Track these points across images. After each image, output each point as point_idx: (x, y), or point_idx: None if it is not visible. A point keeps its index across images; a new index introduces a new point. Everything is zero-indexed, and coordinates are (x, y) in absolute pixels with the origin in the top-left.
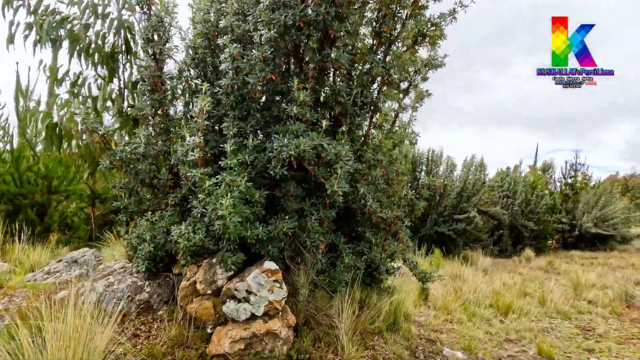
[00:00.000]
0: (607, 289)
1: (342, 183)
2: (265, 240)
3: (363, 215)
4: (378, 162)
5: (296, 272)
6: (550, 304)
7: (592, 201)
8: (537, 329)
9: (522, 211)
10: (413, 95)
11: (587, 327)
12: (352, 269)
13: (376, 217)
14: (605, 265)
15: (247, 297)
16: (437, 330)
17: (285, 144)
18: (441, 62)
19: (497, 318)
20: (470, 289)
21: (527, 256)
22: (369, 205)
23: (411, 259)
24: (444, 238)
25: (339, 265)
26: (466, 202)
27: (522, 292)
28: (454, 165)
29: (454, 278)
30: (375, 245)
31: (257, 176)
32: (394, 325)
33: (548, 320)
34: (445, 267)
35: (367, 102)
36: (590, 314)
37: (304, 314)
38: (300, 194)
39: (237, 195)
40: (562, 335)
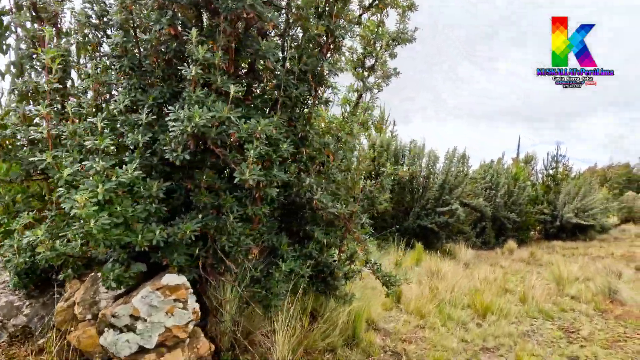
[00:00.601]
0: (590, 281)
1: (256, 170)
2: (167, 247)
3: (313, 212)
4: (324, 145)
5: (220, 285)
6: (532, 302)
7: (573, 192)
8: (517, 334)
9: (505, 203)
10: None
11: (570, 328)
12: (295, 277)
13: (326, 213)
14: (586, 255)
15: (132, 325)
16: (406, 340)
17: (180, 118)
18: (411, 37)
19: (475, 321)
20: (448, 286)
21: (509, 248)
22: (316, 198)
23: (374, 260)
24: (426, 231)
25: (275, 274)
26: (448, 195)
27: (502, 289)
28: (436, 158)
29: (432, 275)
30: (328, 246)
31: (159, 163)
32: (353, 339)
33: (529, 322)
34: (425, 262)
35: (308, 71)
36: (574, 311)
37: (229, 337)
38: (221, 186)
39: (112, 188)
40: (544, 339)
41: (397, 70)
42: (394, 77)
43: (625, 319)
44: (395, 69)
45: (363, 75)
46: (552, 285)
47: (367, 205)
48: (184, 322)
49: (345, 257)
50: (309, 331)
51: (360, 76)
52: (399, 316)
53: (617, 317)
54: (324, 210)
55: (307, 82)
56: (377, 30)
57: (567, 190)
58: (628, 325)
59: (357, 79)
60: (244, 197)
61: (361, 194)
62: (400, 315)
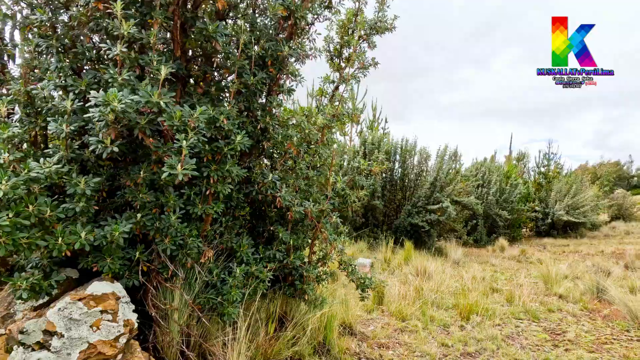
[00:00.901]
0: (579, 279)
1: (189, 164)
2: (97, 251)
3: (279, 210)
4: (286, 138)
5: (168, 292)
6: (519, 302)
7: (564, 190)
8: (501, 337)
9: (497, 200)
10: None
11: (556, 330)
12: (255, 282)
13: (292, 211)
14: (576, 253)
15: (46, 342)
16: (383, 346)
17: (98, 103)
18: (391, 25)
19: (458, 323)
20: (434, 286)
21: (500, 245)
22: (279, 196)
23: (349, 261)
24: (418, 229)
25: (228, 280)
26: (439, 192)
27: (490, 288)
28: (428, 155)
29: (419, 274)
30: (296, 247)
31: (93, 157)
32: (324, 346)
33: (515, 323)
34: (415, 261)
35: (267, 56)
36: (561, 311)
37: (176, 349)
38: (168, 182)
39: (19, 184)
40: (529, 342)
41: (375, 60)
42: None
43: (612, 319)
44: (374, 59)
45: (339, 65)
46: (541, 284)
47: (340, 204)
48: (113, 336)
49: (318, 258)
50: (275, 339)
51: (337, 67)
52: (380, 318)
53: (605, 317)
54: (290, 208)
55: (267, 69)
56: (354, 19)
57: (558, 188)
58: (615, 326)
59: (334, 70)
60: (194, 194)
61: (331, 192)
62: (381, 318)
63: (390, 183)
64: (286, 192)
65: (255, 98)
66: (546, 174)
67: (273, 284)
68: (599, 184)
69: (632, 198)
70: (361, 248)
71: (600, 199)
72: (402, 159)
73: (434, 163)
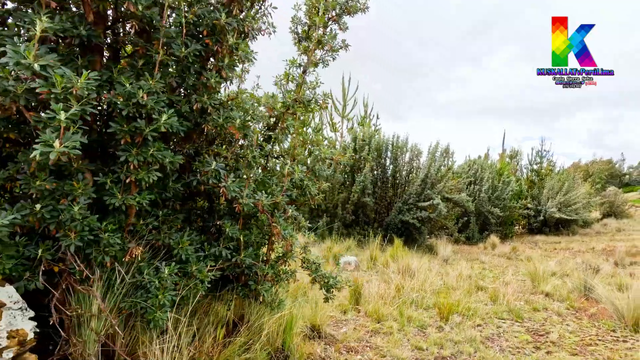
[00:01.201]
0: (567, 277)
1: (70, 138)
2: None
3: (230, 203)
4: (227, 120)
5: (85, 297)
6: (503, 301)
7: (557, 187)
8: (480, 338)
9: (489, 197)
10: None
11: (539, 331)
12: (193, 283)
13: (240, 204)
14: (567, 250)
15: None
16: (352, 350)
17: None
18: (363, 6)
19: (437, 324)
20: (417, 285)
21: (492, 243)
22: (223, 186)
23: (313, 259)
24: (408, 226)
25: (154, 282)
26: (430, 189)
27: (475, 286)
28: (419, 152)
29: (403, 272)
30: (248, 244)
31: None
32: (282, 351)
33: (496, 324)
34: (402, 259)
35: (201, 25)
36: (547, 310)
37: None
38: (81, 168)
39: None
40: (509, 344)
41: (345, 42)
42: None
43: (599, 318)
44: (344, 41)
45: (307, 48)
46: (528, 281)
47: (298, 196)
48: None
49: (277, 256)
50: (224, 345)
51: (304, 49)
52: (355, 319)
53: (591, 316)
54: (237, 200)
55: (202, 40)
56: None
57: (550, 185)
58: (601, 326)
59: (301, 53)
60: (110, 182)
61: (288, 183)
62: (356, 319)
63: (382, 180)
64: (233, 182)
65: (189, 73)
66: (539, 172)
67: (225, 284)
68: (591, 182)
69: (623, 196)
70: (350, 246)
71: (592, 196)
72: (393, 155)
73: (425, 160)
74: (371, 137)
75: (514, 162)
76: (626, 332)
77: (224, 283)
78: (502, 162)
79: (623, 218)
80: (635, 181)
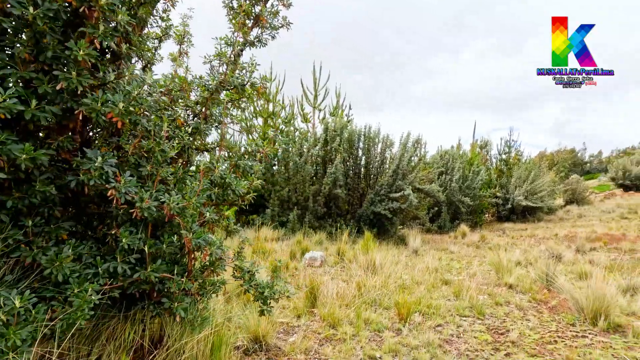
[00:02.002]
0: (531, 265)
1: None
2: None
3: (131, 208)
4: (107, 105)
5: None
6: (466, 295)
7: (523, 176)
8: (439, 341)
9: (460, 187)
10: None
11: (500, 329)
12: (72, 310)
13: (138, 209)
14: (532, 237)
15: None
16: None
17: None
18: None
19: (395, 326)
20: (381, 281)
21: (462, 231)
22: (112, 187)
23: (247, 268)
24: (380, 218)
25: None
26: (402, 180)
27: (441, 280)
28: (391, 143)
29: (367, 267)
30: (158, 256)
31: None
32: None
33: (458, 322)
34: (370, 253)
35: None
36: (509, 304)
37: None
38: None
39: None
40: (468, 346)
41: (287, 20)
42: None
43: (558, 311)
44: (285, 18)
45: (245, 24)
46: (493, 272)
47: (219, 196)
48: None
49: (204, 265)
50: None
51: (239, 26)
52: (308, 325)
53: (552, 309)
54: (134, 205)
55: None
56: None
57: (518, 174)
58: (561, 320)
59: (236, 31)
60: None
61: (204, 181)
62: (310, 324)
63: (354, 171)
64: (128, 182)
65: (50, 45)
66: (507, 161)
67: (136, 302)
68: (555, 170)
69: (585, 183)
70: (321, 239)
71: (556, 184)
72: (365, 146)
73: (397, 150)
74: (343, 128)
75: (484, 152)
76: (585, 326)
77: (133, 301)
78: (473, 152)
79: (584, 204)
80: (596, 169)
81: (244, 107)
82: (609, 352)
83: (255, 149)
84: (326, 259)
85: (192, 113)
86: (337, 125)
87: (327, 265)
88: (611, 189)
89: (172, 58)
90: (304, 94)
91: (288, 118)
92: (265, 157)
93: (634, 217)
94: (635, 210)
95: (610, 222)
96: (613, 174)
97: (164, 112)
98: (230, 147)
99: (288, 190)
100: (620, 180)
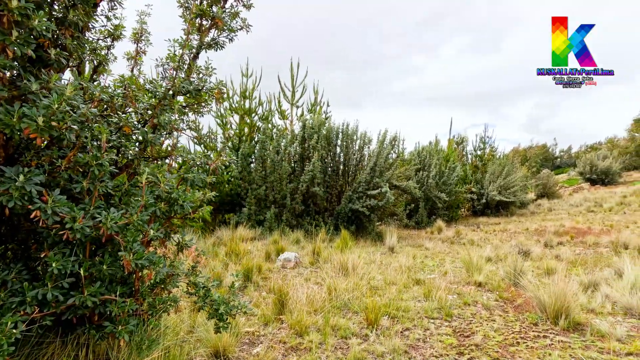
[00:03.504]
0: (501, 261)
1: None
2: None
3: (63, 228)
4: (23, 120)
5: None
6: (435, 296)
7: (497, 171)
8: (405, 347)
9: (437, 183)
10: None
11: (465, 331)
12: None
13: (67, 230)
14: (505, 232)
15: None
16: None
17: None
18: None
19: (363, 331)
20: (354, 283)
21: (438, 227)
22: (37, 208)
23: (202, 284)
24: (358, 215)
25: None
26: (379, 177)
27: (413, 279)
28: (369, 140)
29: (341, 269)
30: (96, 278)
31: None
32: None
33: (425, 325)
34: (346, 252)
35: None
36: (476, 304)
37: None
38: None
39: None
40: (433, 352)
41: (246, 22)
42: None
43: (523, 310)
44: (245, 20)
45: (202, 25)
46: (464, 270)
47: (166, 212)
48: None
49: (153, 283)
50: None
51: (195, 27)
52: (275, 333)
53: (517, 308)
54: (63, 225)
55: None
56: None
57: (492, 170)
58: (525, 319)
59: (191, 33)
60: None
61: (148, 196)
62: (277, 332)
63: (332, 169)
64: (57, 202)
65: None
66: (482, 157)
67: (75, 327)
68: (527, 165)
69: (555, 177)
70: (298, 238)
71: (528, 179)
72: (343, 143)
73: (375, 148)
74: (321, 125)
75: (460, 148)
76: (547, 325)
77: (70, 327)
78: (449, 148)
79: (554, 198)
80: (566, 163)
81: (203, 113)
82: (567, 352)
83: (204, 161)
84: (301, 259)
85: (142, 120)
86: (315, 123)
87: (301, 267)
88: (579, 182)
89: (129, 57)
90: (281, 90)
91: (265, 115)
92: (215, 170)
93: (599, 211)
94: (601, 204)
95: (577, 215)
96: (581, 169)
97: (109, 119)
98: (185, 155)
99: (265, 188)
100: (588, 174)
